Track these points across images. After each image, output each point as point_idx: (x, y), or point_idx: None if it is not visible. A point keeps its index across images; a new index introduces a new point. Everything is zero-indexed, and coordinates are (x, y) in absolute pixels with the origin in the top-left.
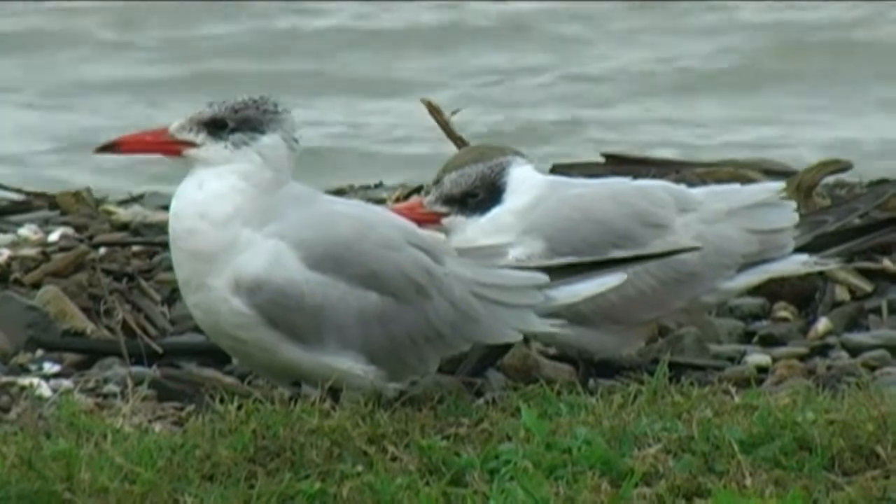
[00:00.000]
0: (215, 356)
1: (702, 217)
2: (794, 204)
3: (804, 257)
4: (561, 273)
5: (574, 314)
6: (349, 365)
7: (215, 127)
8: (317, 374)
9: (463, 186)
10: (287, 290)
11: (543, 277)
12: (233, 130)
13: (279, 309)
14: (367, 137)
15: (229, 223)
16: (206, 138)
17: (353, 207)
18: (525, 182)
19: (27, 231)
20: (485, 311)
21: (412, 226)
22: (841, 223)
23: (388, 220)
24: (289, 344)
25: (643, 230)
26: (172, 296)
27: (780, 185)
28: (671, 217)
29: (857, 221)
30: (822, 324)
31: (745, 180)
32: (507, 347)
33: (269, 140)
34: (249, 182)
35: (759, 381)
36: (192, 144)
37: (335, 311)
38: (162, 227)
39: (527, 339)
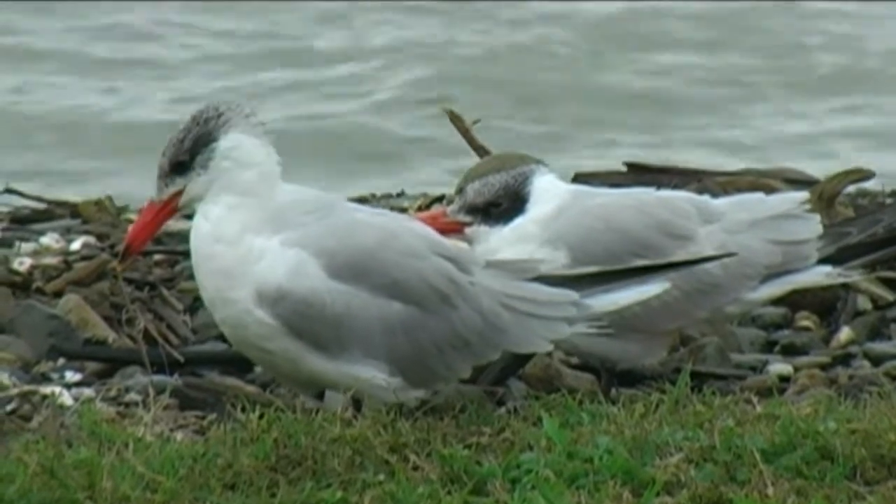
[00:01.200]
0: (237, 365)
1: (725, 227)
2: (818, 216)
3: (828, 269)
4: (592, 281)
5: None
6: (372, 374)
7: (180, 168)
8: (340, 385)
9: (486, 196)
10: (310, 300)
11: (573, 294)
12: (192, 159)
13: (302, 319)
14: None
15: (241, 239)
16: (181, 180)
17: (376, 216)
18: (548, 191)
19: (49, 240)
20: (514, 321)
21: (437, 235)
22: (865, 235)
23: (411, 229)
24: (312, 354)
25: (666, 241)
26: (194, 304)
27: (803, 195)
28: (694, 228)
29: (880, 232)
30: (844, 333)
31: (767, 189)
32: (529, 357)
33: (226, 142)
34: (237, 192)
35: (781, 391)
36: (177, 195)
37: (358, 320)
38: (183, 236)
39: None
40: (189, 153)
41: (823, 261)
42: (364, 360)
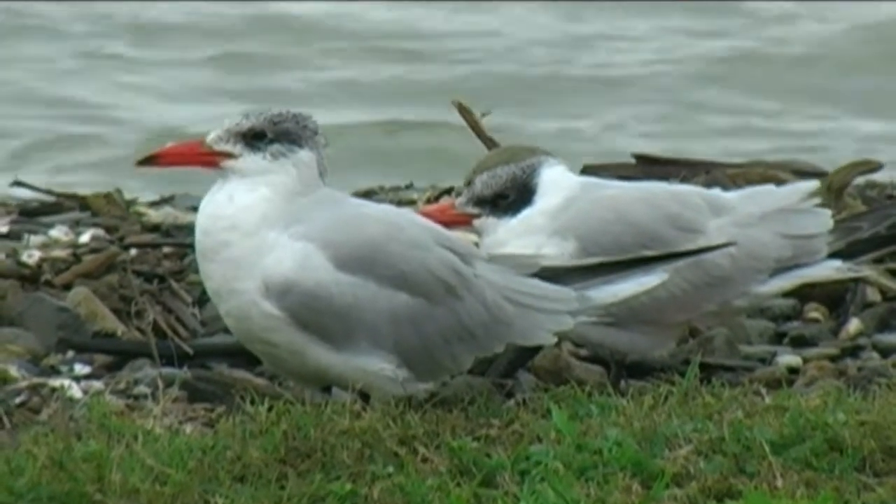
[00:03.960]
0: (246, 357)
1: (735, 221)
2: (828, 211)
3: (838, 263)
4: (594, 272)
5: (601, 312)
6: (380, 367)
7: (254, 138)
8: (347, 377)
9: (494, 188)
10: (316, 292)
11: (571, 293)
12: (271, 141)
13: (309, 311)
14: None
15: (257, 230)
16: (244, 149)
17: (381, 210)
18: (556, 183)
19: (58, 232)
20: (518, 314)
21: (441, 228)
22: (875, 229)
23: (416, 222)
24: (319, 346)
25: (675, 233)
26: (203, 297)
27: (814, 184)
28: (704, 221)
29: (891, 227)
30: (853, 325)
31: (776, 181)
32: (538, 349)
33: (306, 155)
34: (278, 193)
35: (790, 382)
36: (230, 156)
37: (365, 311)
38: (193, 229)
39: (558, 341)
40: (273, 134)
41: (834, 255)
42: (371, 351)
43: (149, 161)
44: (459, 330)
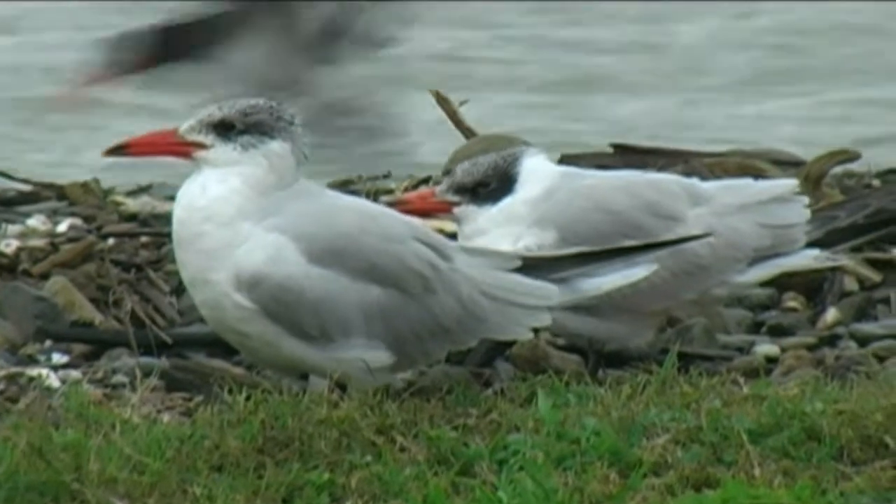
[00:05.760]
0: (224, 346)
1: (714, 210)
2: (806, 200)
3: (816, 252)
4: (575, 262)
5: (585, 304)
6: (353, 356)
7: (225, 129)
8: (321, 368)
9: (475, 176)
10: (287, 285)
11: (553, 289)
12: (241, 132)
13: (279, 303)
14: None
15: (231, 222)
16: (216, 140)
17: (357, 203)
18: (537, 172)
19: (35, 222)
20: (494, 309)
21: (417, 222)
22: (853, 218)
23: (391, 215)
24: (292, 338)
25: (655, 222)
26: (181, 286)
27: (793, 182)
28: (683, 210)
29: (868, 216)
30: (831, 314)
31: (754, 170)
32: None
33: (278, 146)
34: (250, 184)
35: (768, 372)
36: (201, 146)
37: (337, 305)
38: (170, 218)
39: (536, 330)
40: (244, 125)
41: (812, 244)
42: (345, 342)
43: (118, 150)
44: (432, 324)
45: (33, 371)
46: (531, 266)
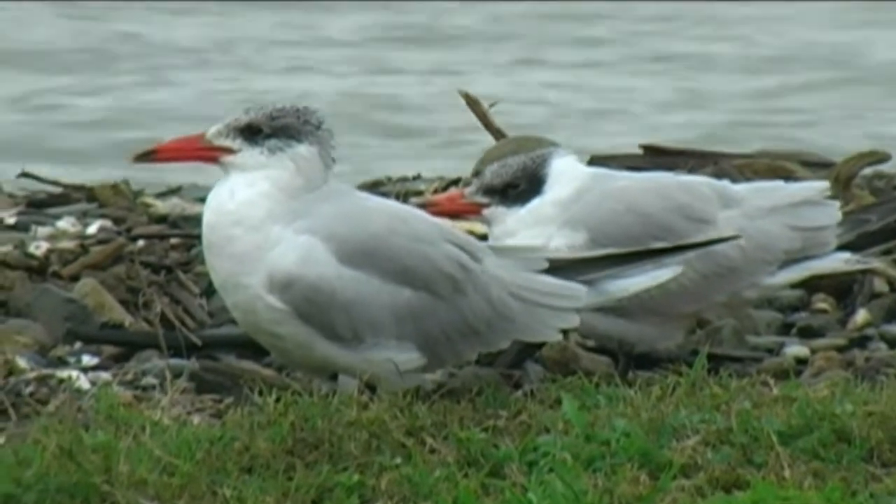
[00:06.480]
0: (254, 348)
1: (744, 213)
2: (837, 203)
3: (846, 255)
4: (604, 264)
5: (615, 306)
6: (384, 357)
7: (251, 133)
8: (353, 369)
9: (504, 177)
10: (319, 286)
11: (581, 289)
12: (268, 136)
13: (312, 304)
14: None
15: (262, 225)
16: (243, 144)
17: (387, 204)
18: (566, 173)
19: (65, 224)
20: (522, 310)
21: (448, 224)
22: (884, 222)
23: (422, 217)
24: (324, 339)
25: (685, 224)
26: (210, 288)
27: (824, 184)
28: (714, 212)
29: None
30: (861, 315)
31: (783, 172)
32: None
33: (305, 150)
34: (279, 188)
35: (798, 373)
36: (228, 151)
37: (368, 306)
38: (200, 220)
39: (565, 332)
40: (270, 129)
41: (843, 247)
42: (376, 343)
43: (147, 156)
44: (462, 325)
45: (63, 373)
46: (559, 267)
